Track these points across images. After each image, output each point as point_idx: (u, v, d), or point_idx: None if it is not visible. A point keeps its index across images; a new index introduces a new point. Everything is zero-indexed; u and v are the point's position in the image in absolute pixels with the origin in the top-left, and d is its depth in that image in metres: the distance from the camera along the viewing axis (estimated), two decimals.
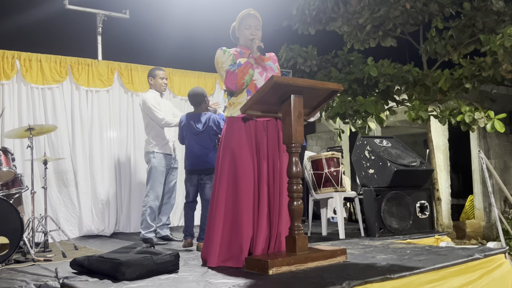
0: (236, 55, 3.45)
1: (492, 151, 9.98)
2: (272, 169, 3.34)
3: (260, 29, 3.49)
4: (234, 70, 3.32)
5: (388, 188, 4.87)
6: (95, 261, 3.13)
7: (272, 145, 3.37)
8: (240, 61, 3.37)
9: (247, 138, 3.32)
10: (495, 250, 3.46)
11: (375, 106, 6.54)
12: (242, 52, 3.49)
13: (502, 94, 9.96)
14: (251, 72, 3.34)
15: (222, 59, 3.42)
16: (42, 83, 5.89)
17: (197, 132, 4.52)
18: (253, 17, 3.47)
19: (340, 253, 3.29)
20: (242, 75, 3.31)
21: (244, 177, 3.27)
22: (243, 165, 3.28)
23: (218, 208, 3.31)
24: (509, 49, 5.70)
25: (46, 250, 4.55)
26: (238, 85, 3.32)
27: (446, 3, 7.03)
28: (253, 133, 3.34)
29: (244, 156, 3.29)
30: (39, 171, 5.45)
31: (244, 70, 3.31)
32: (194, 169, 4.55)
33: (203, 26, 9.23)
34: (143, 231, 4.99)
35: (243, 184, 3.26)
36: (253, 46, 3.37)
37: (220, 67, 3.42)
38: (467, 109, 6.12)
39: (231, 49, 3.49)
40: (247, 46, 3.48)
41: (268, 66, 3.49)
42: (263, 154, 3.33)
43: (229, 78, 3.33)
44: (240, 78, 3.30)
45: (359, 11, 7.26)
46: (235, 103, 3.41)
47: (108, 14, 6.60)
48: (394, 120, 9.94)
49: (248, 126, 3.34)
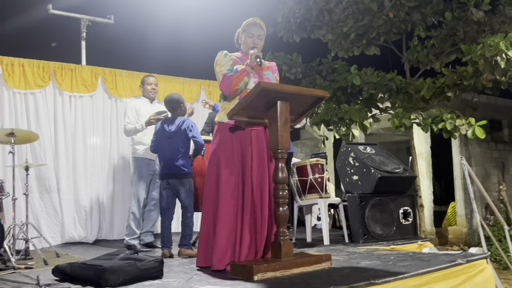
0: (236, 60, 3.49)
1: (473, 158, 10.12)
2: (260, 177, 3.36)
3: (263, 39, 3.54)
4: (230, 75, 3.37)
5: (372, 194, 4.91)
6: (77, 268, 3.09)
7: (261, 153, 3.39)
8: (237, 68, 3.41)
9: (234, 144, 3.36)
10: (477, 256, 3.50)
11: (359, 114, 6.60)
12: (243, 58, 3.53)
13: (483, 102, 10.13)
14: (246, 80, 3.38)
15: (221, 61, 3.45)
16: (24, 88, 5.82)
17: (169, 134, 4.47)
18: (258, 27, 3.52)
19: (325, 259, 3.31)
20: (236, 81, 3.35)
21: (226, 184, 3.30)
22: (226, 172, 3.31)
23: (203, 213, 3.41)
24: (490, 59, 5.80)
25: (27, 258, 4.48)
26: (231, 90, 3.37)
27: (428, 13, 7.15)
28: (240, 140, 3.37)
29: (229, 163, 3.32)
30: (20, 177, 5.38)
31: (239, 76, 3.35)
32: (163, 173, 4.49)
33: (188, 32, 9.23)
34: (126, 237, 4.95)
35: (224, 191, 3.29)
36: (252, 55, 3.39)
37: (219, 70, 3.45)
38: (449, 116, 6.20)
39: (233, 54, 3.53)
40: (248, 53, 3.51)
41: (265, 76, 3.53)
42: (249, 162, 3.35)
43: (224, 82, 3.37)
44: (234, 84, 3.34)
45: (343, 20, 7.34)
46: (226, 108, 3.43)
47: (92, 19, 6.57)
48: (378, 128, 10.04)
49: (236, 133, 3.37)
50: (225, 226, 3.25)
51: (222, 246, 3.23)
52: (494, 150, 10.72)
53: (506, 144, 10.99)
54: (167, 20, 8.78)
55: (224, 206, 3.27)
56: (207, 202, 3.39)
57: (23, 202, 4.87)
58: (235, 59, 3.49)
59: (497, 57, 5.74)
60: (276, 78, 3.65)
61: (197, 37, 8.65)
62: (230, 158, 3.32)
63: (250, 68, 3.41)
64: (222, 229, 3.25)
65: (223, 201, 3.28)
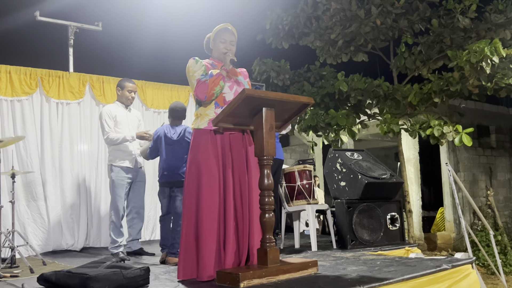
0: (208, 66, 3.45)
1: (461, 164, 10.21)
2: (239, 183, 3.33)
3: (235, 45, 3.52)
4: (205, 80, 3.33)
5: (360, 200, 4.93)
6: (62, 276, 3.06)
7: (239, 158, 3.36)
8: (212, 72, 3.38)
9: (214, 150, 3.30)
10: (462, 261, 3.53)
11: (346, 119, 6.64)
12: (214, 64, 3.50)
13: (470, 108, 10.24)
14: (222, 84, 3.34)
15: (194, 68, 3.41)
16: (11, 95, 5.77)
17: (171, 142, 4.53)
18: (230, 32, 3.49)
19: (311, 265, 3.31)
20: (212, 86, 3.31)
21: (208, 191, 3.23)
22: (208, 178, 3.25)
23: (184, 222, 3.30)
24: (475, 65, 5.88)
25: (13, 266, 4.43)
26: (208, 95, 3.32)
27: (415, 20, 7.23)
28: (219, 146, 3.33)
29: (210, 169, 3.26)
30: (7, 184, 5.33)
31: (215, 81, 3.32)
32: (165, 182, 4.56)
33: (176, 38, 9.24)
34: (109, 247, 4.94)
35: (206, 198, 3.22)
36: (226, 59, 3.39)
37: (192, 75, 3.40)
38: (436, 123, 6.26)
39: (203, 60, 3.50)
40: (220, 59, 3.50)
41: (239, 81, 3.51)
42: (229, 167, 3.31)
43: (200, 88, 3.32)
44: (210, 88, 3.30)
45: (331, 27, 7.40)
46: (202, 114, 3.39)
47: (80, 26, 6.54)
48: (366, 134, 10.10)
49: (215, 138, 3.33)
50: (210, 235, 3.19)
51: (208, 256, 3.17)
52: (482, 156, 10.82)
53: (493, 149, 11.10)
54: (154, 26, 8.81)
55: (208, 215, 3.21)
56: (188, 211, 3.28)
57: (9, 209, 4.82)
58: (207, 65, 3.46)
59: (482, 63, 5.81)
60: (248, 83, 3.64)
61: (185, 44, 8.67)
62: (210, 165, 3.27)
63: (226, 73, 3.40)
64: (207, 238, 3.18)
65: (207, 210, 3.21)
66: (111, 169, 5.02)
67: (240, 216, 3.30)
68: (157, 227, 6.51)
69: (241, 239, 3.28)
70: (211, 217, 3.21)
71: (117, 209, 4.95)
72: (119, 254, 4.80)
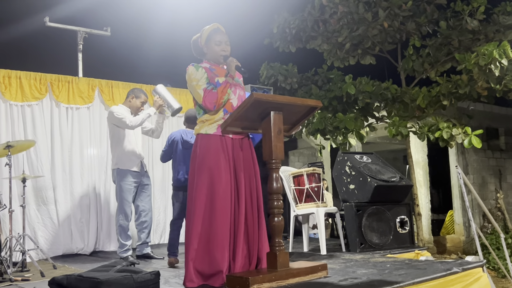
0: (207, 70, 3.40)
1: (470, 166, 10.15)
2: (249, 187, 3.33)
3: (229, 44, 3.48)
4: (212, 89, 3.29)
5: (369, 203, 4.92)
6: (74, 280, 3.08)
7: (248, 162, 3.37)
8: (218, 80, 3.35)
9: (224, 155, 3.29)
10: (473, 264, 3.51)
11: (354, 123, 6.63)
12: (212, 68, 3.45)
13: (479, 110, 10.18)
14: (229, 92, 3.33)
15: (196, 76, 3.36)
16: (21, 100, 5.83)
17: (188, 145, 4.50)
18: (222, 33, 3.46)
19: (321, 268, 3.31)
20: (221, 95, 3.29)
21: (222, 195, 3.22)
22: (221, 183, 3.23)
23: (195, 226, 3.23)
24: (484, 68, 5.85)
25: (24, 270, 4.47)
26: (217, 104, 3.29)
27: (423, 22, 7.21)
28: (230, 151, 3.31)
29: (222, 174, 3.25)
30: (17, 189, 5.38)
31: (224, 90, 3.29)
32: (180, 186, 4.54)
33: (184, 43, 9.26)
34: (118, 251, 4.97)
35: (220, 202, 3.21)
36: (231, 66, 3.36)
37: (196, 84, 3.35)
38: (445, 125, 6.23)
39: (201, 64, 3.45)
40: (216, 61, 3.47)
41: (236, 83, 3.48)
42: (240, 171, 3.31)
43: (208, 98, 3.28)
44: (219, 98, 3.28)
45: (338, 30, 7.40)
46: (209, 120, 3.35)
47: (89, 32, 6.60)
48: (375, 136, 10.07)
49: (224, 143, 3.31)
50: (225, 241, 3.18)
51: (222, 261, 3.15)
52: (491, 158, 10.75)
53: (503, 152, 11.03)
54: (162, 31, 8.85)
55: (223, 222, 3.19)
56: (197, 216, 3.23)
57: (20, 214, 4.86)
58: (206, 69, 3.41)
59: (491, 65, 5.78)
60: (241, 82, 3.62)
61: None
62: (222, 170, 3.25)
63: (231, 79, 3.38)
64: (222, 244, 3.17)
65: (221, 217, 3.19)
66: (117, 173, 5.03)
67: (251, 220, 3.30)
68: (166, 231, 6.53)
69: (251, 243, 3.28)
70: (225, 224, 3.19)
71: (125, 213, 4.97)
72: (129, 258, 4.82)
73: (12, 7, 9.02)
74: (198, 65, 3.42)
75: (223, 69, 3.48)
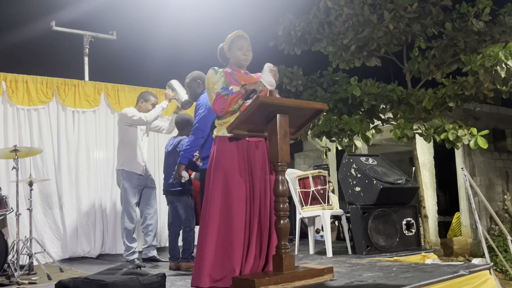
0: (227, 74, 3.43)
1: (477, 168, 10.10)
2: (264, 189, 3.34)
3: (251, 50, 3.53)
4: (224, 95, 3.31)
5: (375, 205, 4.90)
6: (80, 283, 3.09)
7: (263, 165, 3.38)
8: (232, 89, 3.35)
9: (240, 157, 3.30)
10: (480, 267, 3.49)
11: (360, 125, 6.61)
12: (233, 72, 3.48)
13: (485, 112, 10.14)
14: (240, 102, 3.32)
15: (213, 79, 3.39)
16: (28, 104, 5.87)
17: (166, 153, 4.80)
18: (244, 39, 3.51)
19: (327, 271, 3.30)
20: (231, 103, 3.29)
21: (238, 197, 3.23)
22: (236, 186, 3.25)
23: (210, 228, 3.22)
24: (490, 69, 5.82)
25: (31, 273, 4.49)
26: (225, 111, 3.31)
27: (428, 24, 7.18)
28: (245, 153, 3.32)
29: (237, 176, 3.26)
30: (24, 192, 5.40)
31: (234, 99, 3.30)
32: (164, 190, 4.79)
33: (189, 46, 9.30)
34: (124, 254, 4.98)
35: (236, 205, 3.22)
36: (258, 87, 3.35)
37: (211, 87, 3.38)
38: (451, 126, 6.21)
39: (223, 69, 3.49)
40: (238, 66, 3.51)
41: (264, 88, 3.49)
42: (255, 174, 3.32)
43: (218, 102, 3.31)
44: (228, 105, 3.29)
45: (343, 32, 7.39)
46: (226, 122, 3.34)
47: (95, 36, 6.64)
48: (380, 138, 10.04)
49: (240, 146, 3.32)
50: (239, 241, 3.19)
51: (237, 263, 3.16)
52: (498, 160, 10.69)
53: (510, 153, 10.96)
54: (167, 34, 8.88)
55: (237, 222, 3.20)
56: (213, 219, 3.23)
57: (27, 217, 4.89)
58: (226, 73, 3.45)
59: (497, 67, 5.76)
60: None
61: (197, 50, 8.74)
62: (237, 173, 3.26)
63: (245, 91, 3.36)
64: (237, 246, 3.18)
65: (237, 217, 3.20)
66: (122, 175, 5.03)
67: (263, 222, 3.31)
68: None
69: (262, 245, 3.29)
70: (240, 226, 3.21)
71: (130, 216, 4.98)
72: (135, 261, 4.84)
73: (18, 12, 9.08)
74: (218, 69, 3.45)
75: (244, 75, 3.51)
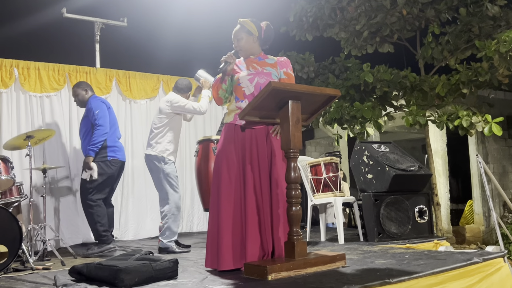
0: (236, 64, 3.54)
1: (490, 155, 9.99)
2: (265, 176, 3.37)
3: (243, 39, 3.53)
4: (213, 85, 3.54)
5: (387, 193, 4.88)
6: (93, 269, 3.12)
7: (263, 151, 3.40)
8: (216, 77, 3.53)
9: (236, 144, 3.39)
10: (494, 254, 3.46)
11: (372, 112, 6.56)
12: (243, 61, 3.60)
13: (499, 98, 10.00)
14: (224, 87, 3.44)
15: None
16: (40, 91, 5.90)
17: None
18: (237, 29, 3.57)
19: (339, 258, 3.29)
20: (215, 90, 3.48)
21: (227, 183, 3.32)
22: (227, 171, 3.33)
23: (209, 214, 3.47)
24: (504, 55, 5.73)
25: (45, 259, 4.54)
26: (216, 99, 3.52)
27: (442, 9, 7.07)
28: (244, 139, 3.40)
29: (230, 162, 3.34)
30: (38, 179, 5.45)
31: (213, 87, 3.49)
32: None
33: (200, 33, 9.26)
34: (164, 240, 4.73)
35: (224, 190, 3.31)
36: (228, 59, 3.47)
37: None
38: (465, 113, 6.13)
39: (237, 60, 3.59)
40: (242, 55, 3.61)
41: (265, 71, 3.50)
42: (255, 161, 3.37)
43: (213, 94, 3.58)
44: (214, 93, 3.49)
45: (356, 18, 7.30)
46: (229, 109, 3.55)
47: (106, 22, 6.64)
48: (393, 126, 9.97)
49: (238, 132, 3.41)
50: (228, 227, 3.27)
51: (226, 247, 3.25)
52: None
53: None
54: (178, 21, 8.84)
55: (225, 207, 3.29)
56: (212, 203, 3.41)
57: (41, 204, 4.94)
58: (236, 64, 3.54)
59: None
60: (287, 73, 3.56)
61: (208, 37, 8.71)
62: (230, 158, 3.35)
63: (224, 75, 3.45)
64: (225, 230, 3.27)
65: (224, 202, 3.30)
66: (165, 161, 4.77)
67: (266, 210, 3.32)
68: (185, 221, 6.56)
69: (264, 233, 3.31)
70: (228, 210, 3.29)
71: (176, 201, 4.76)
72: (173, 248, 4.69)
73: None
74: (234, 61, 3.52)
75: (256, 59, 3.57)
